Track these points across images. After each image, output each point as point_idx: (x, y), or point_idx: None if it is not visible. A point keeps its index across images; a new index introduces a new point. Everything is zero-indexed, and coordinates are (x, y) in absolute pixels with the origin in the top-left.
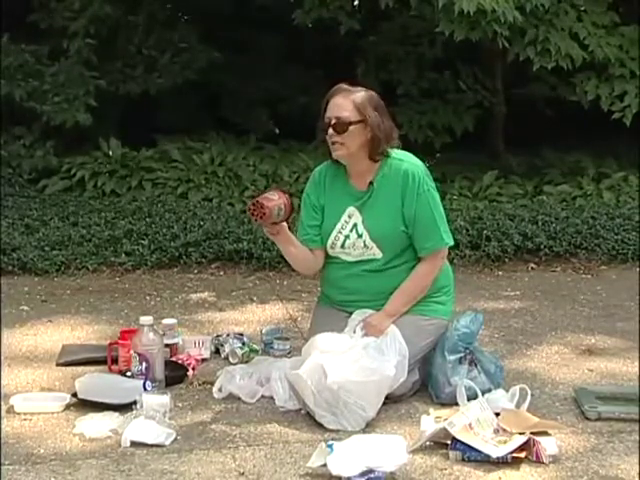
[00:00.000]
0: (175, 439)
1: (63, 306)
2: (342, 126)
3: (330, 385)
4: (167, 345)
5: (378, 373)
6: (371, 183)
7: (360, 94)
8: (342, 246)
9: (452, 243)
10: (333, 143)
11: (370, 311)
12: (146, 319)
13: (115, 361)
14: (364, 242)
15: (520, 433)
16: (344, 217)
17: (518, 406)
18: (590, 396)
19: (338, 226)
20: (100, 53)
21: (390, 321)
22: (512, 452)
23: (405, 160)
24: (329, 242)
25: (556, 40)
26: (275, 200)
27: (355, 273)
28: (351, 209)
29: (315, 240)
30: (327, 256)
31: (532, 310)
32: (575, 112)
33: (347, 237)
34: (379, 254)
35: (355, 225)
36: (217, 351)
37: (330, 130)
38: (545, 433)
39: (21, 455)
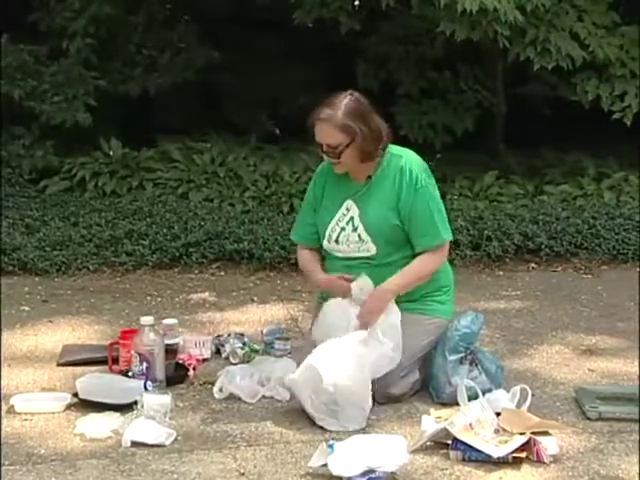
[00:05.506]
0: (176, 439)
1: (64, 306)
2: (335, 152)
3: (326, 387)
4: (168, 345)
5: (371, 363)
6: (369, 177)
7: (339, 113)
8: (337, 240)
9: (451, 238)
10: (331, 162)
11: (369, 282)
12: (147, 319)
13: (116, 361)
14: (359, 235)
15: (521, 433)
16: (342, 210)
17: (519, 406)
18: (591, 396)
19: (336, 218)
20: (100, 53)
21: (390, 296)
22: (513, 452)
23: (404, 156)
24: (326, 234)
25: (556, 40)
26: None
27: (347, 265)
28: (349, 202)
29: (314, 238)
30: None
31: (533, 310)
32: (575, 112)
33: (343, 229)
34: (373, 249)
35: (352, 218)
36: (218, 351)
37: (325, 155)
38: (546, 433)
39: (22, 455)
